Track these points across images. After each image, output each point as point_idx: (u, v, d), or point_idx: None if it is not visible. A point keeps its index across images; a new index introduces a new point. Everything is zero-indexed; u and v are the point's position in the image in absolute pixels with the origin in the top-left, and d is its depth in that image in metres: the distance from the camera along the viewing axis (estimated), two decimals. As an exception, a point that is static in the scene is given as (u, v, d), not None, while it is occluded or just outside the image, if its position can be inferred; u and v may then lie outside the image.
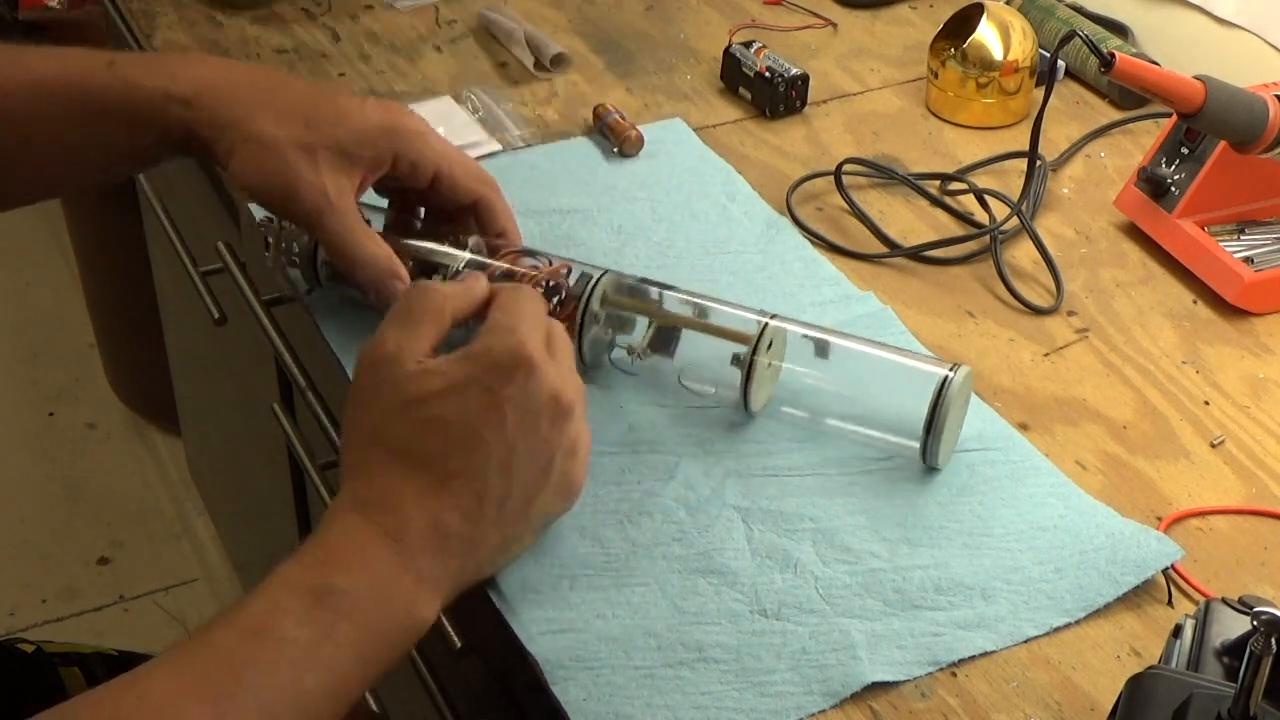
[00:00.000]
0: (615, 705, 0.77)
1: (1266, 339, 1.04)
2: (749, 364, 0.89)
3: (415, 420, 0.78)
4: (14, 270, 2.63)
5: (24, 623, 2.05)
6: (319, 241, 0.95)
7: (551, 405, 0.80)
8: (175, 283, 1.71)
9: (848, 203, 1.14)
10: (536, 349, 0.80)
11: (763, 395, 0.92)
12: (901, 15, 1.40)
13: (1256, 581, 0.87)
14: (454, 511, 0.77)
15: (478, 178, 0.97)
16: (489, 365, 0.79)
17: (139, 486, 2.27)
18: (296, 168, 0.91)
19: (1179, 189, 1.09)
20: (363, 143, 0.92)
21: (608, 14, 1.37)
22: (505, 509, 0.79)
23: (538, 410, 0.79)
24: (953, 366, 0.88)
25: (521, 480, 0.79)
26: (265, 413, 1.24)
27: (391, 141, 0.93)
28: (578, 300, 0.92)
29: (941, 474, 0.90)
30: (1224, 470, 0.94)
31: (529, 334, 0.81)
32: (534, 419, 0.79)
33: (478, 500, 0.78)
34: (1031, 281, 1.09)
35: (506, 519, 0.79)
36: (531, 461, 0.80)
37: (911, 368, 0.90)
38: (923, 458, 0.89)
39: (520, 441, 0.79)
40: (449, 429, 0.78)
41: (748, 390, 0.90)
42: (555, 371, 0.81)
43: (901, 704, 0.79)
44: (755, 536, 0.86)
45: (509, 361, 0.79)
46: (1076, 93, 1.30)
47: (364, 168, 0.93)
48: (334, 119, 0.92)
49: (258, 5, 1.34)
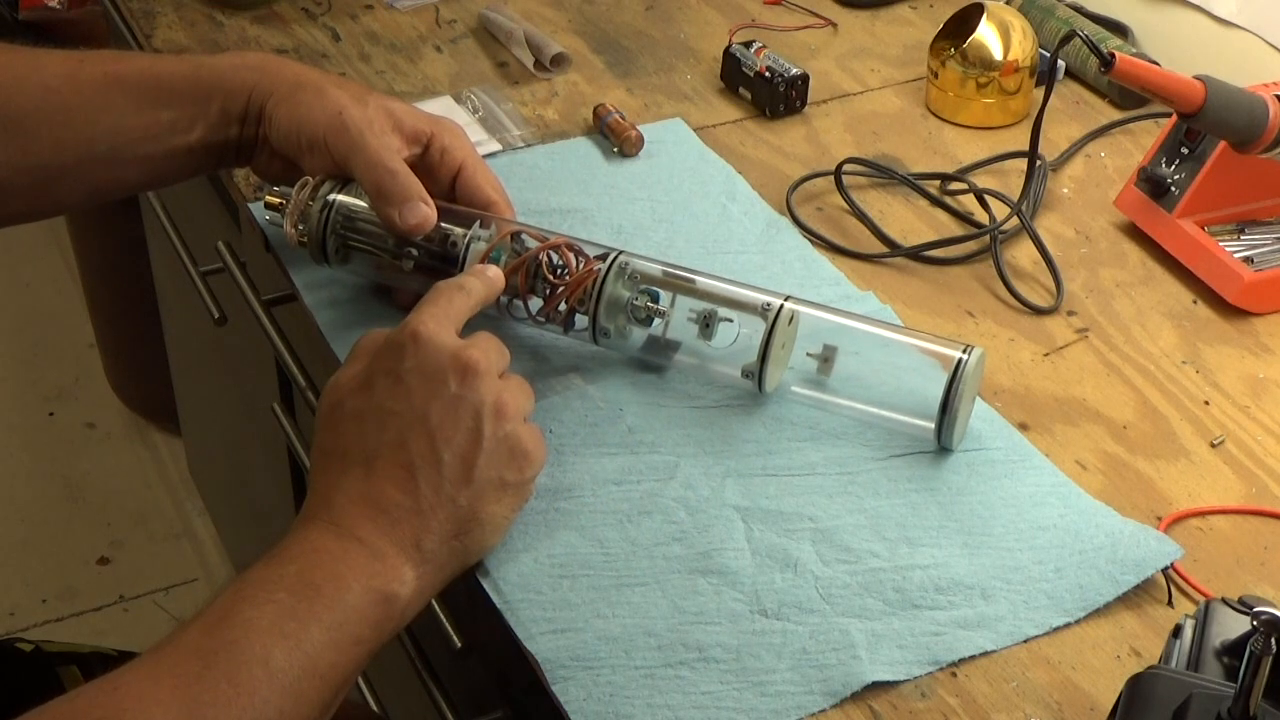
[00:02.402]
0: (615, 705, 0.77)
1: (1266, 339, 1.04)
2: (766, 341, 0.90)
3: (336, 422, 0.84)
4: (14, 270, 2.63)
5: (24, 622, 2.05)
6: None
7: (454, 362, 0.83)
8: (175, 283, 1.71)
9: (848, 203, 1.14)
10: (421, 322, 0.85)
11: (776, 375, 0.92)
12: (901, 15, 1.40)
13: (1256, 581, 0.87)
14: (386, 484, 0.80)
15: (494, 185, 1.02)
16: (382, 351, 0.85)
17: (139, 486, 2.27)
18: (348, 106, 0.97)
19: (1179, 189, 1.09)
20: (408, 116, 0.99)
21: (608, 14, 1.37)
22: (443, 473, 0.81)
23: (439, 370, 0.83)
24: (966, 348, 0.89)
25: (448, 440, 0.81)
26: (265, 413, 1.24)
27: (432, 125, 1.00)
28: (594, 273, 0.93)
29: (941, 473, 0.90)
30: (1224, 470, 0.94)
31: (420, 316, 0.86)
32: (438, 380, 0.83)
33: (407, 470, 0.81)
34: (1031, 281, 1.09)
35: (449, 483, 0.81)
36: (451, 421, 0.82)
37: (926, 348, 0.91)
38: (937, 438, 0.90)
39: (431, 404, 0.82)
40: (363, 418, 0.83)
41: (763, 371, 0.91)
42: (448, 336, 0.85)
43: (901, 704, 0.79)
44: (755, 536, 0.86)
45: (396, 340, 0.85)
46: (1076, 93, 1.30)
47: (405, 135, 0.99)
48: (384, 98, 1.00)
49: (258, 5, 1.34)
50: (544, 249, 0.94)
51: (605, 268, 0.93)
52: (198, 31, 1.31)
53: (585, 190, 1.14)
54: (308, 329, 1.02)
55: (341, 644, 0.76)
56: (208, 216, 1.40)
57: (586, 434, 0.92)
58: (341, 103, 0.97)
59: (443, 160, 0.99)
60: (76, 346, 2.47)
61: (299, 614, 0.75)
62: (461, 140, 1.01)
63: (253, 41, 1.30)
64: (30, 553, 2.16)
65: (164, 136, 0.99)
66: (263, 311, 1.11)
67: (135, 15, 1.33)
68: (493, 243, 0.95)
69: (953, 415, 0.88)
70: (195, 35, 1.31)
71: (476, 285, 0.90)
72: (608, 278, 0.93)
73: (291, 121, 0.97)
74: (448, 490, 0.81)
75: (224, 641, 0.73)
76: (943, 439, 0.90)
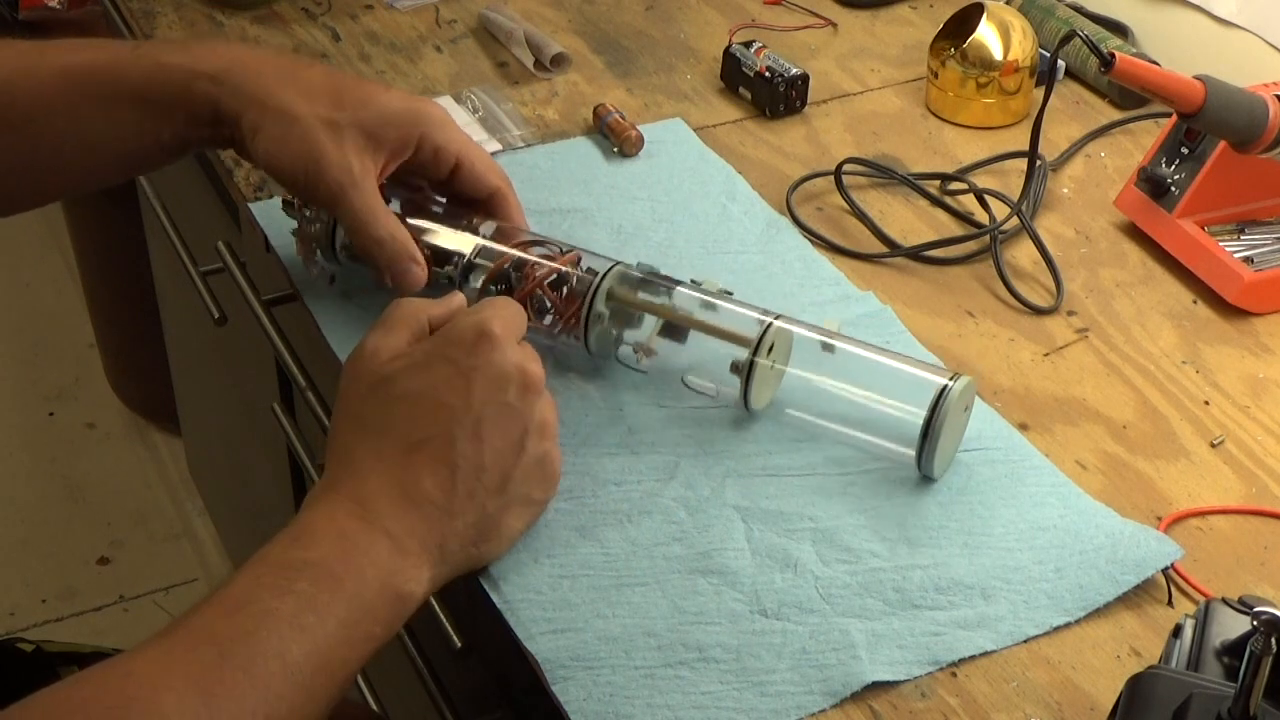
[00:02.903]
0: (615, 705, 0.77)
1: (1266, 339, 1.04)
2: (749, 365, 0.89)
3: (383, 398, 0.81)
4: (14, 270, 2.63)
5: (24, 622, 2.05)
6: (339, 220, 0.95)
7: (518, 375, 0.81)
8: (175, 283, 1.71)
9: (848, 203, 1.14)
10: (500, 327, 0.82)
11: (765, 395, 0.92)
12: (901, 15, 1.40)
13: (1256, 581, 0.87)
14: (424, 477, 0.79)
15: (495, 171, 0.99)
16: (452, 340, 0.82)
17: (139, 486, 2.27)
18: (322, 144, 0.92)
19: (1179, 189, 1.09)
20: (388, 125, 0.93)
21: (608, 14, 1.37)
22: (481, 480, 0.80)
23: (503, 378, 0.81)
24: (953, 375, 0.88)
25: (494, 449, 0.80)
26: (265, 413, 1.24)
27: (417, 126, 0.95)
28: (582, 297, 0.92)
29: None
30: (1224, 470, 0.94)
31: (493, 316, 0.83)
32: (500, 387, 0.81)
33: (449, 468, 0.79)
34: (1031, 281, 1.09)
35: (483, 490, 0.80)
36: (501, 431, 0.81)
37: (912, 375, 0.90)
38: (918, 465, 0.88)
39: (488, 409, 0.80)
40: (415, 400, 0.80)
41: (748, 391, 0.90)
42: (514, 344, 0.83)
43: (901, 704, 0.79)
44: (755, 536, 0.86)
45: (471, 335, 0.82)
46: (1076, 93, 1.30)
47: (388, 150, 0.94)
48: (360, 100, 0.94)
49: (258, 5, 1.34)
50: (532, 288, 0.93)
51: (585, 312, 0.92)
52: (197, 31, 1.31)
53: (585, 190, 1.14)
54: (308, 329, 1.02)
55: (354, 640, 0.75)
56: (208, 216, 1.40)
57: (586, 434, 0.92)
58: (313, 139, 0.91)
59: (437, 159, 0.96)
60: (76, 346, 2.47)
61: (318, 606, 0.73)
62: (451, 133, 0.97)
63: (253, 41, 1.30)
64: (30, 553, 2.16)
65: (132, 136, 0.96)
66: (263, 311, 1.11)
67: (135, 15, 1.33)
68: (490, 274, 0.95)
69: (933, 443, 0.87)
70: (195, 35, 1.31)
71: None
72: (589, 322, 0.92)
73: (266, 156, 0.93)
74: (480, 497, 0.80)
75: (241, 630, 0.71)
76: (923, 467, 0.88)
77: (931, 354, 1.00)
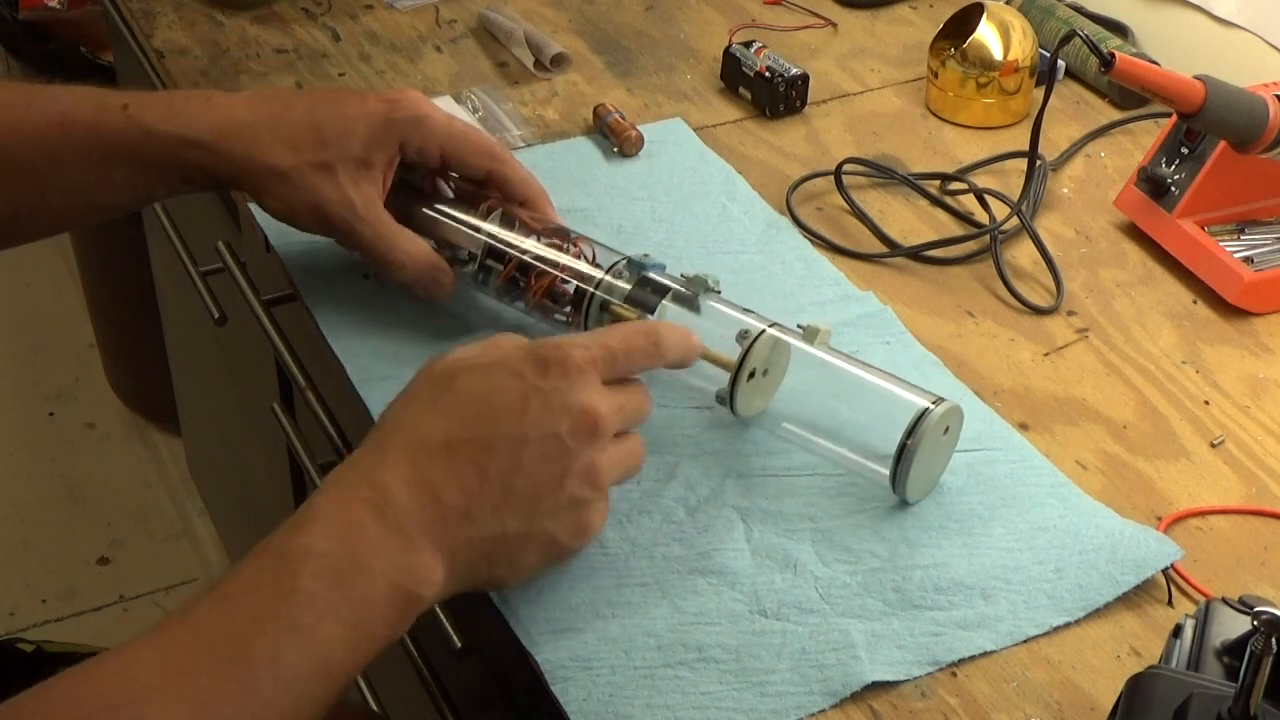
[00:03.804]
0: (615, 705, 0.77)
1: (1266, 339, 1.04)
2: (732, 383, 0.88)
3: (442, 389, 0.79)
4: (14, 270, 2.63)
5: (24, 623, 2.05)
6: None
7: (580, 413, 0.78)
8: (175, 283, 1.71)
9: (848, 202, 1.14)
10: (581, 352, 0.79)
11: (757, 404, 0.91)
12: (901, 15, 1.40)
13: (1256, 581, 0.87)
14: (451, 476, 0.76)
15: (484, 153, 0.98)
16: (526, 355, 0.79)
17: (139, 486, 2.27)
18: (320, 190, 0.94)
19: (1179, 189, 1.09)
20: (373, 146, 0.95)
21: (608, 14, 1.37)
22: (509, 498, 0.77)
23: (563, 410, 0.78)
24: (936, 400, 0.86)
25: (530, 475, 0.77)
26: (265, 413, 1.24)
27: (394, 134, 0.96)
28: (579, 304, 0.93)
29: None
30: (1224, 470, 0.94)
31: (582, 346, 0.80)
32: (556, 417, 0.78)
33: (479, 474, 0.76)
34: (1031, 281, 1.09)
35: (508, 509, 0.77)
36: (542, 461, 0.77)
37: (895, 395, 0.87)
38: (892, 487, 0.86)
39: (535, 432, 0.77)
40: (469, 399, 0.78)
41: (734, 409, 0.89)
42: (594, 381, 0.79)
43: (901, 704, 0.79)
44: (755, 536, 0.86)
45: (549, 358, 0.79)
46: (1076, 93, 1.30)
47: (382, 169, 0.96)
48: (342, 133, 0.95)
49: (258, 5, 1.34)
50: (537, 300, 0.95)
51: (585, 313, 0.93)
52: (197, 31, 1.31)
53: (585, 190, 1.14)
54: (308, 329, 1.02)
55: (356, 642, 0.72)
56: (208, 216, 1.40)
57: (586, 434, 0.92)
58: (310, 188, 0.94)
59: (423, 158, 0.97)
60: (76, 346, 2.47)
61: (318, 606, 0.71)
62: (429, 129, 0.96)
63: (253, 41, 1.30)
64: (30, 553, 2.16)
65: (124, 190, 0.98)
66: (263, 311, 1.11)
67: (135, 15, 1.33)
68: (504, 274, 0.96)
69: (907, 466, 0.84)
70: (195, 35, 1.31)
71: (672, 351, 0.85)
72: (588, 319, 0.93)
73: (277, 214, 0.97)
74: (503, 515, 0.77)
75: (236, 633, 0.70)
76: (897, 489, 0.86)
77: (931, 354, 1.00)
